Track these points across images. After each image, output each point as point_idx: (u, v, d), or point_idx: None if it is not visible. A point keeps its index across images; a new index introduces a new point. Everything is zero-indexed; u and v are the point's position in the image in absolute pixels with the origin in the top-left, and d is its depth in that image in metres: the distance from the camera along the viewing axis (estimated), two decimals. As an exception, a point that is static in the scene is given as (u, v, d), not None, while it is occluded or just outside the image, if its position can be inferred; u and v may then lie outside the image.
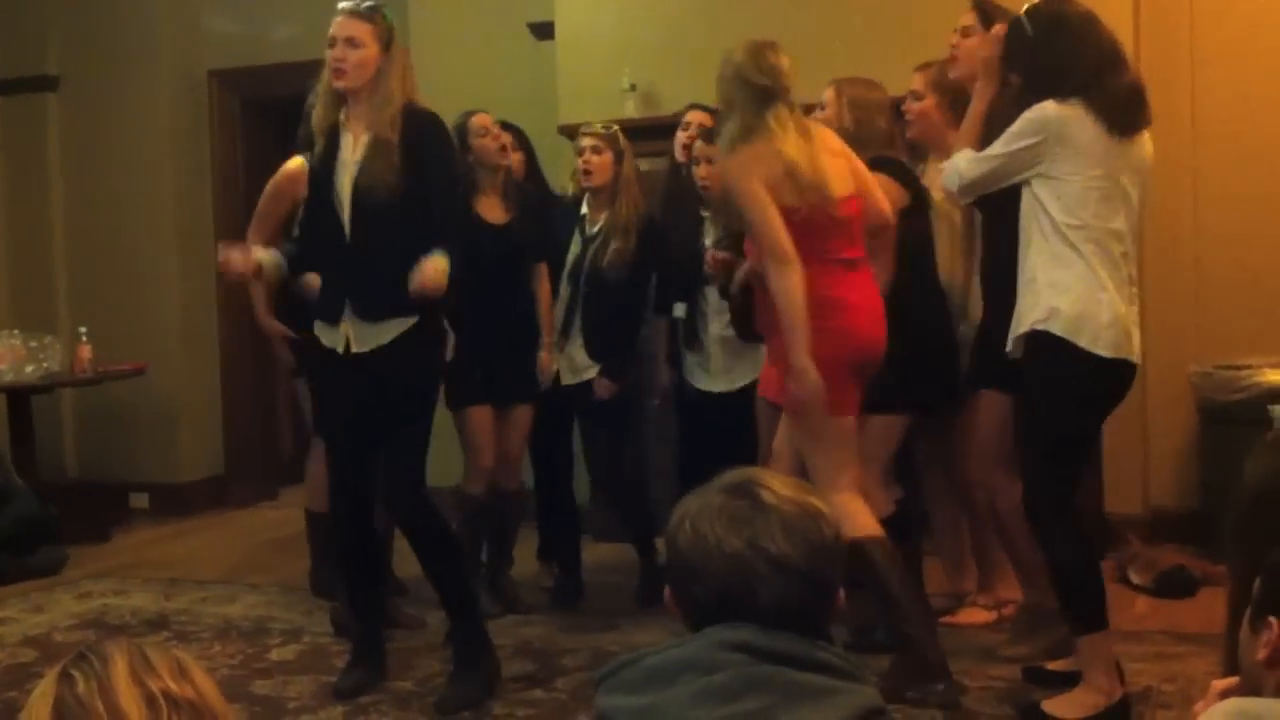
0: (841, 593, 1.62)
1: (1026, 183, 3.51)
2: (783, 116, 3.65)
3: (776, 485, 1.61)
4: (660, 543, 4.24)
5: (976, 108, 3.70)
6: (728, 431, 4.52)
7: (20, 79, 7.15)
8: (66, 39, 7.15)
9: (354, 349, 3.89)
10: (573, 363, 4.85)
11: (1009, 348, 3.57)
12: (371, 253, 3.84)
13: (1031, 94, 3.52)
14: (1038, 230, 3.49)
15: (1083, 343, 3.42)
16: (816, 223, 3.62)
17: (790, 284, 3.54)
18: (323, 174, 3.92)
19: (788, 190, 3.59)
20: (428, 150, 3.85)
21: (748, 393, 4.44)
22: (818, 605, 1.58)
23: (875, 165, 3.94)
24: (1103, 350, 3.44)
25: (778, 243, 3.56)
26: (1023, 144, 3.47)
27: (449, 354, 4.09)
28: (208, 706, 1.38)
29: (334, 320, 3.92)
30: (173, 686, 1.36)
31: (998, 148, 3.52)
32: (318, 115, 3.92)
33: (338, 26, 3.84)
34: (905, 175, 4.06)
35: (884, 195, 3.83)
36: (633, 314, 4.90)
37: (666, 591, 1.65)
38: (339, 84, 3.84)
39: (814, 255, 3.61)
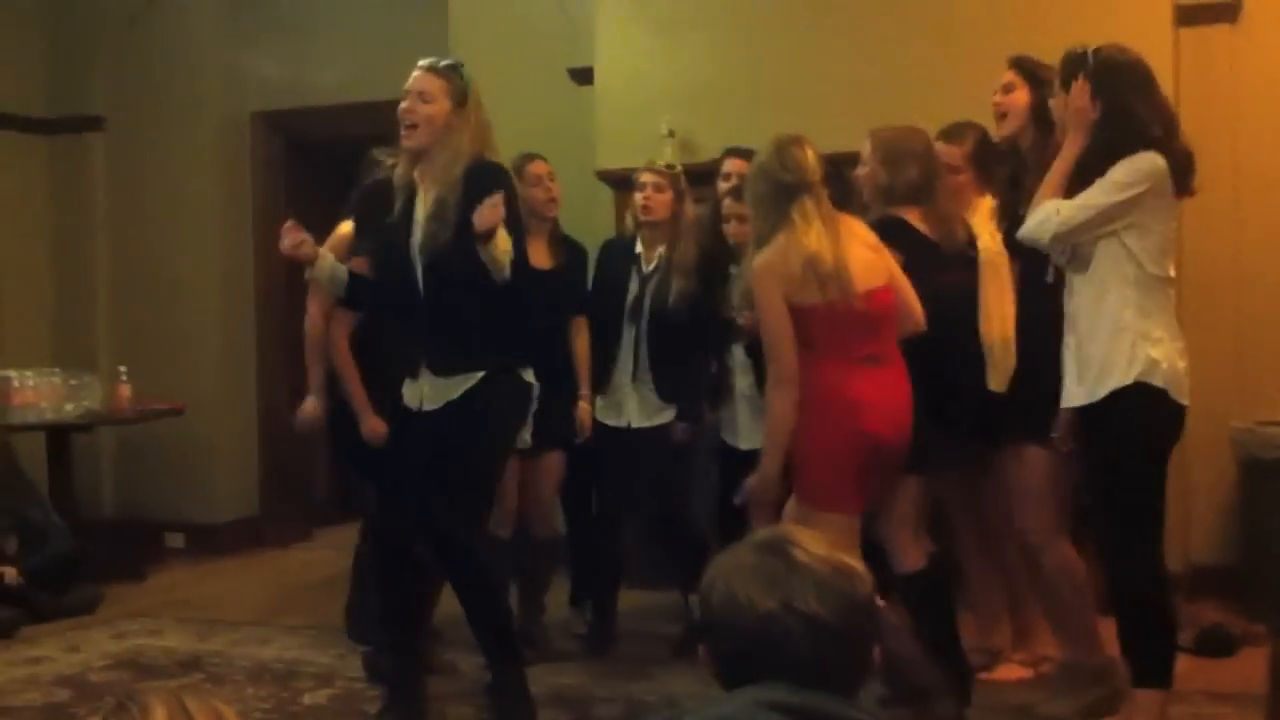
0: (877, 651, 1.62)
1: (1112, 232, 3.49)
2: (807, 210, 3.64)
3: (809, 544, 1.61)
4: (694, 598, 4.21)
5: (1067, 158, 3.61)
6: None
7: (66, 118, 7.26)
8: (112, 80, 7.25)
9: (426, 406, 3.92)
10: (645, 405, 4.83)
11: (1083, 398, 3.53)
12: (445, 309, 3.87)
13: (1105, 139, 3.50)
14: (1123, 280, 3.49)
15: (1174, 393, 3.48)
16: (839, 318, 3.61)
17: (782, 404, 3.65)
18: (400, 232, 3.92)
19: (809, 285, 3.59)
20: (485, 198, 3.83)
21: None
22: (851, 664, 1.58)
23: (875, 226, 3.89)
24: (1185, 399, 3.52)
25: (782, 361, 3.64)
26: (1130, 194, 3.45)
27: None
28: None
29: (414, 377, 3.95)
30: None
31: (1099, 197, 3.47)
32: (399, 172, 3.94)
33: (411, 80, 3.86)
34: (901, 234, 3.93)
35: (913, 296, 3.79)
36: (701, 353, 4.86)
37: (701, 648, 1.66)
38: (407, 142, 3.86)
39: (835, 351, 3.62)
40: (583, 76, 6.22)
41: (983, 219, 4.20)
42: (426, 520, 3.95)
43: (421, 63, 3.91)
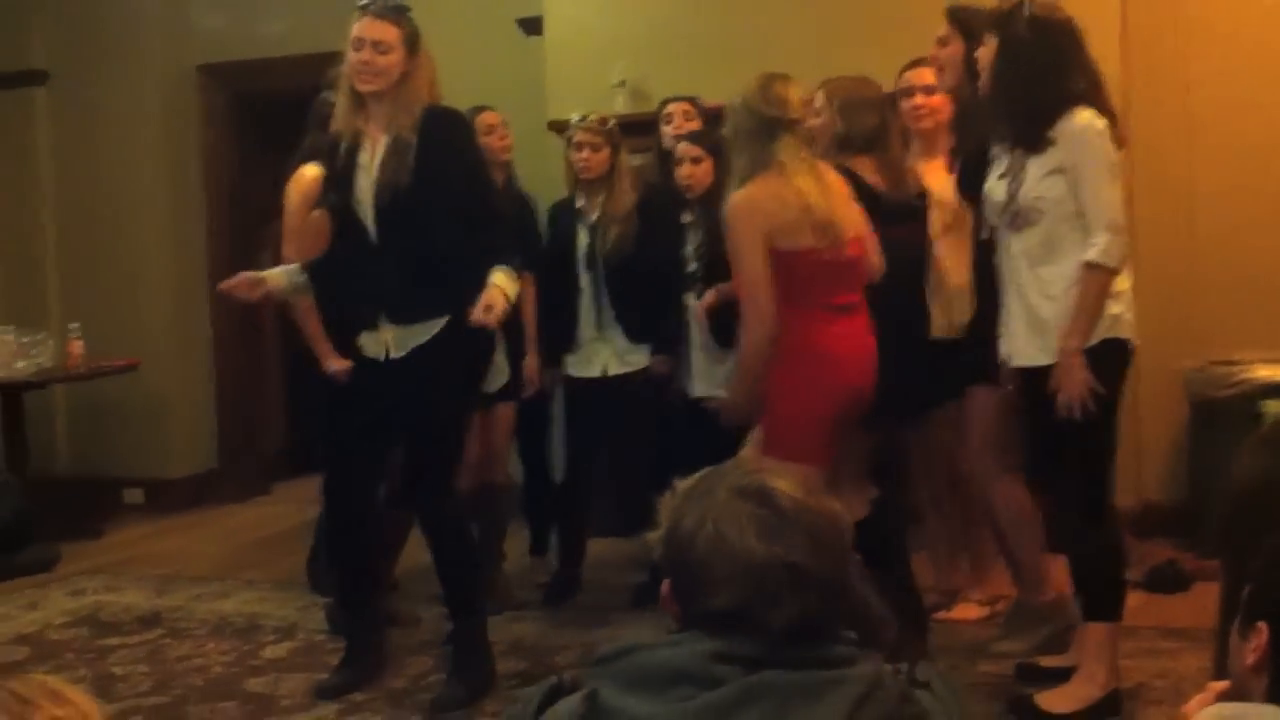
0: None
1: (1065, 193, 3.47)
2: (791, 149, 3.59)
3: (789, 488, 1.58)
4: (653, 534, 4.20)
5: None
6: (706, 435, 4.51)
7: (8, 74, 7.13)
8: (54, 33, 7.12)
9: (393, 354, 3.87)
10: (616, 351, 4.81)
11: (1045, 358, 3.49)
12: (399, 256, 3.80)
13: (1032, 97, 3.51)
14: (1078, 238, 3.44)
15: (1133, 339, 3.52)
16: (825, 265, 3.57)
17: (757, 344, 3.60)
18: (343, 180, 3.85)
19: (805, 230, 3.54)
20: (450, 149, 3.82)
21: None
22: (833, 613, 1.56)
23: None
24: (1137, 339, 3.55)
25: (760, 304, 3.57)
26: (1113, 158, 3.44)
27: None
28: None
29: (372, 327, 3.89)
30: (57, 712, 1.34)
31: (1111, 189, 3.44)
32: (340, 121, 3.84)
33: (364, 28, 3.73)
34: (854, 187, 3.92)
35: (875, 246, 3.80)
36: (660, 289, 4.80)
37: (664, 586, 1.63)
38: (365, 88, 3.75)
39: (812, 301, 3.59)
40: (532, 26, 6.17)
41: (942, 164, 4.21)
42: (417, 476, 3.96)
43: (368, 6, 3.77)
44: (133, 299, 7.02)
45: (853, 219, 3.66)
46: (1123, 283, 3.49)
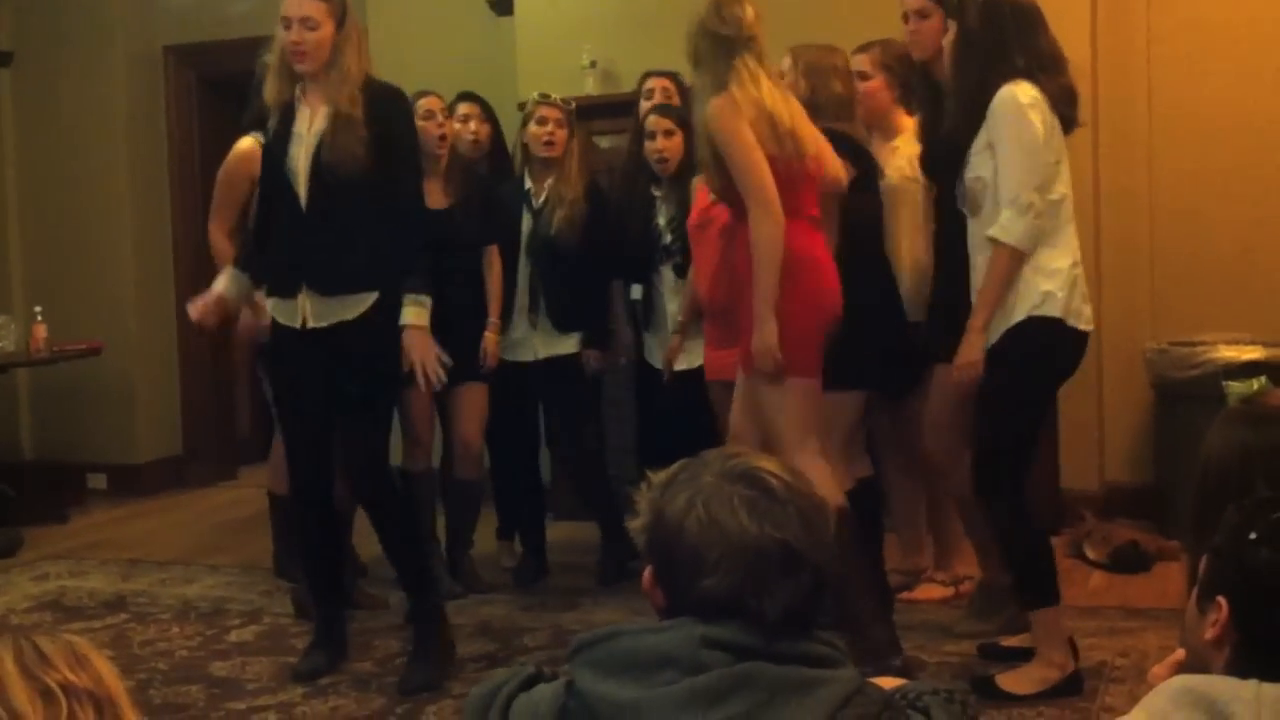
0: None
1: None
2: (751, 65, 3.58)
3: (777, 470, 1.56)
4: (633, 521, 4.20)
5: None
6: (686, 410, 4.53)
7: (-29, 55, 7.07)
8: (18, 13, 7.06)
9: (310, 324, 3.84)
10: (545, 336, 4.83)
11: (992, 339, 3.52)
12: (329, 226, 3.79)
13: (978, 71, 3.51)
14: None
15: (1071, 321, 3.49)
16: (792, 175, 3.57)
17: (772, 232, 3.48)
18: (276, 148, 3.86)
19: (767, 138, 3.53)
20: (393, 126, 3.83)
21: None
22: (819, 599, 1.55)
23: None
24: (1083, 325, 3.53)
25: (764, 188, 3.49)
26: (1049, 140, 3.44)
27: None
28: (107, 693, 1.33)
29: (290, 294, 3.87)
30: (71, 677, 1.30)
31: (1019, 160, 3.43)
32: (271, 91, 3.86)
33: (291, 6, 3.75)
34: (853, 149, 3.99)
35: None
36: (597, 280, 4.85)
37: (646, 573, 1.60)
38: (300, 68, 3.78)
39: (789, 210, 3.54)
40: (502, 6, 6.16)
41: (908, 140, 4.22)
42: (348, 456, 3.93)
43: None
44: (98, 283, 6.97)
45: (812, 133, 3.66)
46: (1058, 260, 3.48)
